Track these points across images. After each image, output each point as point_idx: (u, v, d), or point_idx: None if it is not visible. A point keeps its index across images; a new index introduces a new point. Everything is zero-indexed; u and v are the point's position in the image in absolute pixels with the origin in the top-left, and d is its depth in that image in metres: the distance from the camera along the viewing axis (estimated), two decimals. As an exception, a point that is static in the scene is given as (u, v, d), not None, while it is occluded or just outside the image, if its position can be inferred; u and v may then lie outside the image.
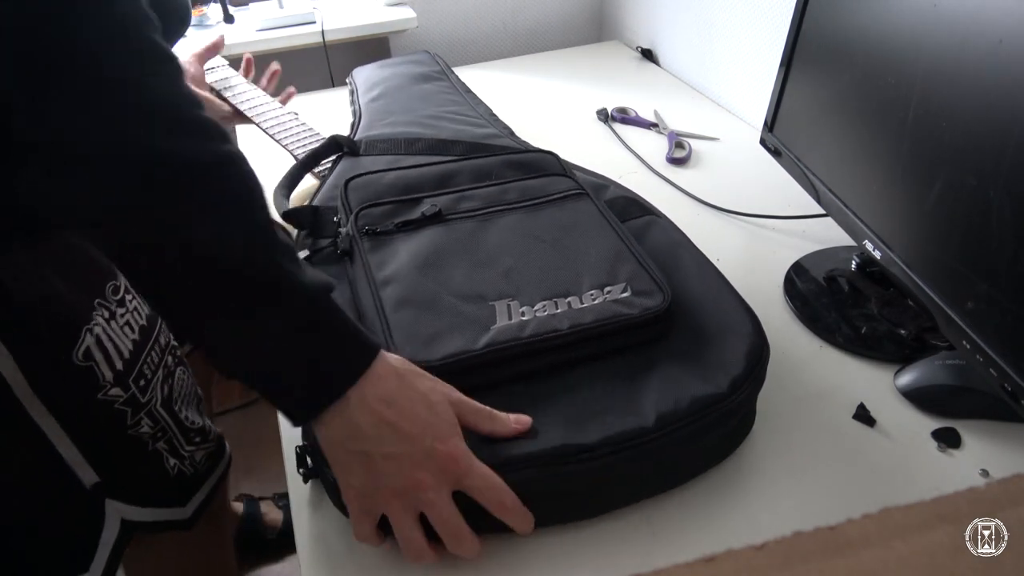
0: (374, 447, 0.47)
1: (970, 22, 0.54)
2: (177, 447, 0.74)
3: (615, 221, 0.69)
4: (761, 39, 1.13)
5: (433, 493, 0.47)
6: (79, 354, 0.62)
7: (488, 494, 0.49)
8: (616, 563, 0.52)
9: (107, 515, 0.69)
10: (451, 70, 1.20)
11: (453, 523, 0.48)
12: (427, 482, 0.47)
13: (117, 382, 0.65)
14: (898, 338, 0.70)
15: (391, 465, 0.47)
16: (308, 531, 0.56)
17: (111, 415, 0.66)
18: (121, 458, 0.69)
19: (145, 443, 0.70)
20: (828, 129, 0.74)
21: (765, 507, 0.56)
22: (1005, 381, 0.52)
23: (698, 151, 1.08)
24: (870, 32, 0.66)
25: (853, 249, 0.80)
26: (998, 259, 0.53)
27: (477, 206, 0.70)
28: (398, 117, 0.99)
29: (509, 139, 0.95)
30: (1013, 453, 0.59)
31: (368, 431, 0.47)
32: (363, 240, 0.67)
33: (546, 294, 0.60)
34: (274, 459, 0.71)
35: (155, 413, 0.70)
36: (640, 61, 1.45)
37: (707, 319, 0.61)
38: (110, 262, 0.66)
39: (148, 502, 0.73)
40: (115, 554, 0.71)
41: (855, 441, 0.61)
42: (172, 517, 0.76)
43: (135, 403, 0.67)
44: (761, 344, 0.59)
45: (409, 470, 0.47)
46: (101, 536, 0.70)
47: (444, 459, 0.47)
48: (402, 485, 0.47)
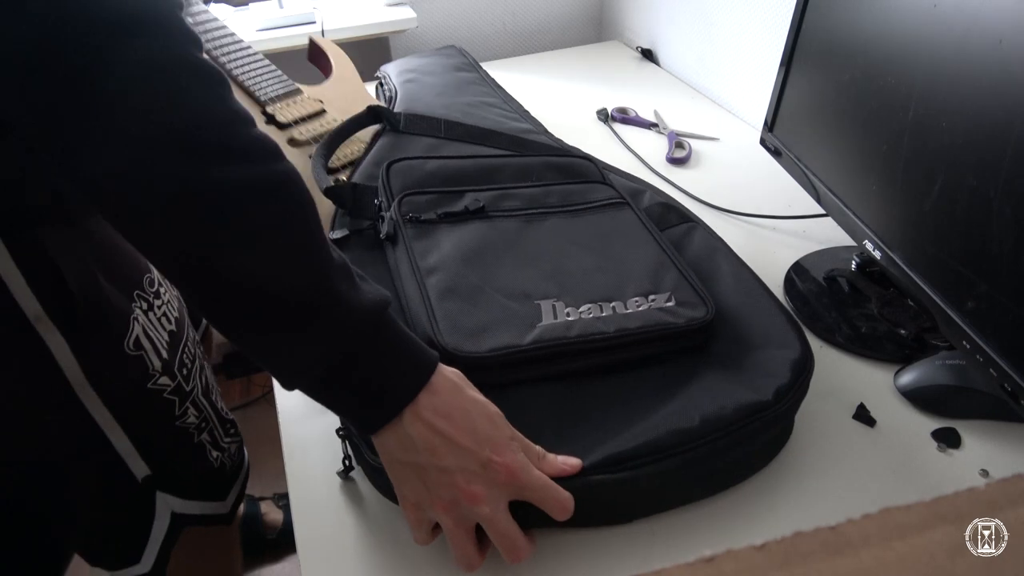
0: (428, 460, 0.46)
1: (970, 22, 0.54)
2: (218, 439, 0.75)
3: (656, 231, 0.70)
4: (761, 39, 1.13)
5: (489, 508, 0.46)
6: (130, 343, 0.63)
7: (550, 504, 0.48)
8: (616, 563, 0.52)
9: (157, 508, 0.70)
10: (480, 65, 1.20)
11: (511, 535, 0.47)
12: (482, 495, 0.46)
13: (165, 371, 0.66)
14: (898, 338, 0.70)
15: (445, 478, 0.46)
16: (308, 531, 0.56)
17: (161, 405, 0.67)
18: (170, 450, 0.70)
19: (191, 435, 0.71)
20: (828, 129, 0.74)
21: (765, 507, 0.56)
22: (1005, 381, 0.52)
23: (698, 151, 1.08)
24: (870, 32, 0.66)
25: (853, 249, 0.80)
26: (998, 259, 0.53)
27: (520, 205, 0.71)
28: (435, 100, 0.98)
29: (545, 136, 0.96)
30: (1013, 453, 0.59)
31: (422, 444, 0.46)
32: (407, 227, 0.67)
33: (591, 297, 0.60)
34: (274, 459, 0.71)
35: (198, 403, 0.72)
36: (640, 61, 1.45)
37: (748, 328, 0.62)
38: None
39: (195, 495, 0.74)
40: (165, 547, 0.72)
41: (855, 441, 0.61)
42: (215, 511, 0.76)
43: (181, 392, 0.68)
44: (806, 354, 0.59)
45: (464, 484, 0.46)
46: (152, 528, 0.71)
47: (502, 471, 0.46)
48: (457, 498, 0.46)
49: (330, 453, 0.60)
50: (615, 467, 0.51)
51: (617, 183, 0.79)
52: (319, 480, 0.60)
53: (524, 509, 0.49)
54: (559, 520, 0.49)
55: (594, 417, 0.54)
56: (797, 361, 0.58)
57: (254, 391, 1.60)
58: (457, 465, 0.46)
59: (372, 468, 0.54)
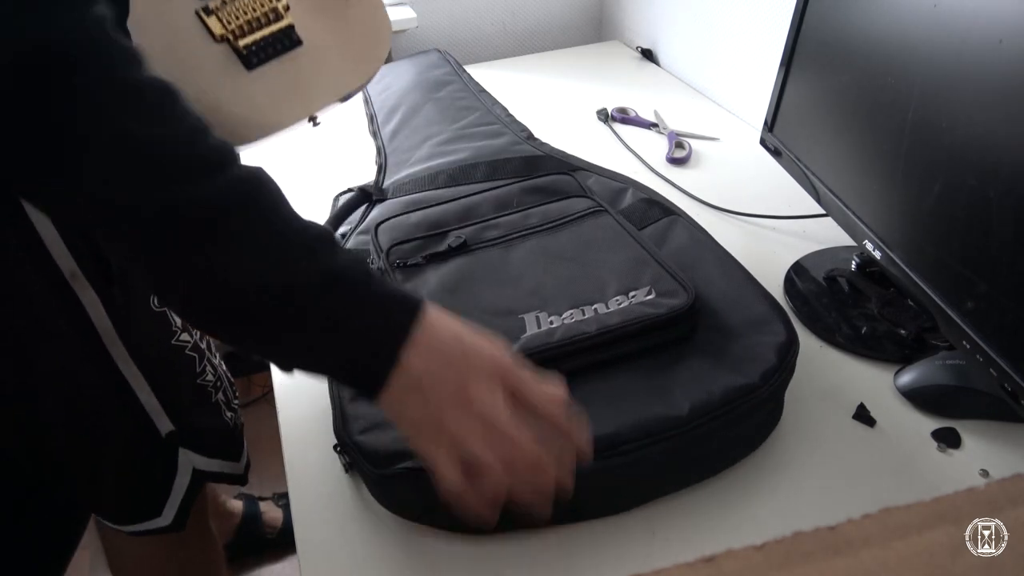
0: (438, 392, 0.46)
1: (970, 22, 0.54)
2: (230, 399, 0.79)
3: (633, 231, 0.72)
4: (761, 39, 1.13)
5: (489, 396, 0.46)
6: (155, 300, 0.65)
7: (548, 407, 0.47)
8: (616, 563, 0.52)
9: (180, 463, 0.73)
10: (463, 68, 1.20)
11: (510, 427, 0.46)
12: (482, 390, 0.46)
13: (185, 328, 0.69)
14: (898, 338, 0.70)
15: (443, 388, 0.46)
16: (308, 531, 0.56)
17: (184, 362, 0.70)
18: (192, 407, 0.73)
19: (209, 393, 0.74)
20: (828, 129, 0.74)
21: (765, 507, 0.56)
22: (1005, 381, 0.52)
23: (698, 151, 1.08)
24: (870, 32, 0.66)
25: (853, 249, 0.80)
26: (998, 259, 0.53)
27: (501, 233, 0.73)
28: (418, 152, 1.01)
29: (527, 144, 0.98)
30: (1013, 453, 0.59)
31: (426, 378, 0.46)
32: (395, 272, 0.70)
33: (573, 303, 0.62)
34: (274, 459, 0.72)
35: (213, 361, 0.75)
36: (640, 61, 1.45)
37: (733, 314, 0.63)
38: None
39: (214, 453, 0.76)
40: (186, 502, 0.75)
41: (855, 441, 0.61)
42: (232, 471, 0.79)
43: (199, 350, 0.72)
44: (790, 336, 0.60)
45: (462, 386, 0.46)
46: (174, 484, 0.74)
47: (491, 362, 0.47)
48: (460, 399, 0.46)
49: (330, 453, 0.60)
50: (608, 452, 0.52)
51: (600, 185, 0.81)
52: (319, 480, 0.60)
53: (510, 511, 0.48)
54: (557, 427, 0.47)
55: (587, 412, 0.54)
56: (782, 344, 0.59)
57: (254, 391, 1.60)
58: (450, 375, 0.46)
59: (371, 480, 0.55)
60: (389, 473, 0.53)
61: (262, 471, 1.37)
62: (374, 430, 0.56)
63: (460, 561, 0.53)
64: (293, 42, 0.69)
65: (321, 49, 0.71)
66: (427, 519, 0.55)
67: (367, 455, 0.54)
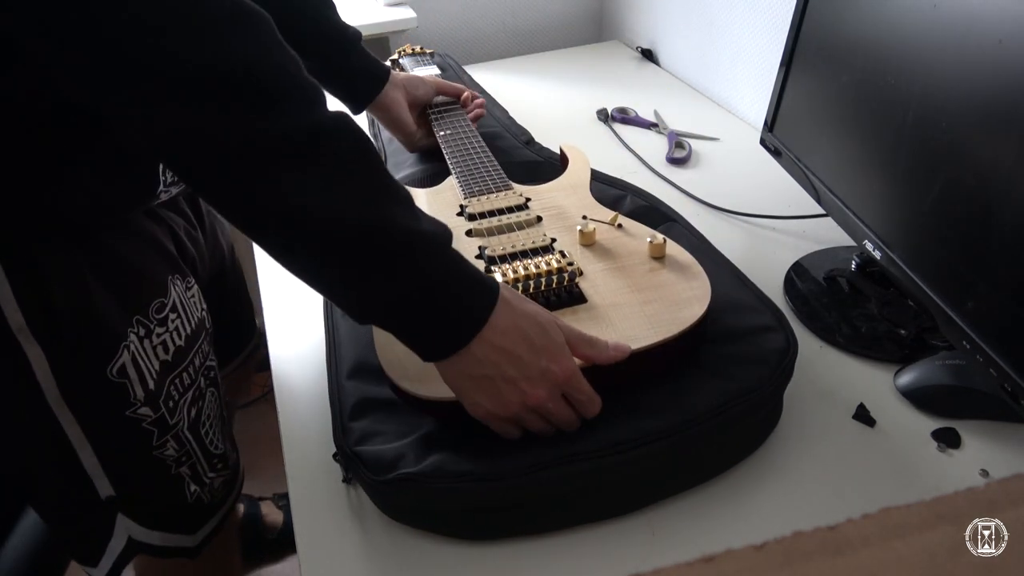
0: (494, 372, 0.51)
1: (970, 22, 0.54)
2: (200, 473, 0.73)
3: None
4: (761, 39, 1.13)
5: (552, 404, 0.52)
6: (114, 370, 0.62)
7: (586, 407, 0.54)
8: (616, 563, 0.52)
9: (116, 528, 0.69)
10: (463, 70, 1.20)
11: (571, 416, 0.54)
12: (543, 396, 0.52)
13: (148, 402, 0.65)
14: (898, 338, 0.70)
15: (512, 387, 0.51)
16: (308, 531, 0.56)
17: (137, 434, 0.66)
18: (141, 478, 0.69)
19: (168, 467, 0.69)
20: (828, 129, 0.74)
21: (765, 507, 0.56)
22: (1005, 381, 0.52)
23: (698, 151, 1.08)
24: (870, 32, 0.66)
25: (853, 249, 0.80)
26: (998, 259, 0.53)
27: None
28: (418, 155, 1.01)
29: (527, 149, 0.99)
30: (1013, 453, 0.59)
31: (488, 362, 0.51)
32: None
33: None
34: (274, 459, 0.71)
35: (182, 436, 0.70)
36: (640, 61, 1.45)
37: (732, 318, 0.64)
38: (166, 276, 0.67)
39: (159, 526, 0.72)
40: (121, 561, 0.71)
41: (855, 441, 0.61)
42: (179, 544, 0.74)
43: (163, 424, 0.67)
44: (788, 341, 0.61)
45: (529, 388, 0.51)
46: (109, 544, 0.70)
47: (557, 377, 0.52)
48: (524, 401, 0.52)
49: (330, 454, 0.60)
50: (608, 453, 0.53)
51: (598, 191, 0.81)
52: (319, 480, 0.60)
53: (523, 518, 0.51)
54: (584, 415, 0.54)
55: (586, 421, 0.55)
56: (780, 349, 0.60)
57: (254, 391, 1.60)
58: (520, 375, 0.51)
59: (369, 486, 0.55)
60: (387, 480, 0.53)
61: (262, 471, 1.37)
62: (373, 439, 0.56)
63: (460, 561, 0.53)
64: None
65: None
66: (426, 524, 0.55)
67: (366, 463, 0.54)
